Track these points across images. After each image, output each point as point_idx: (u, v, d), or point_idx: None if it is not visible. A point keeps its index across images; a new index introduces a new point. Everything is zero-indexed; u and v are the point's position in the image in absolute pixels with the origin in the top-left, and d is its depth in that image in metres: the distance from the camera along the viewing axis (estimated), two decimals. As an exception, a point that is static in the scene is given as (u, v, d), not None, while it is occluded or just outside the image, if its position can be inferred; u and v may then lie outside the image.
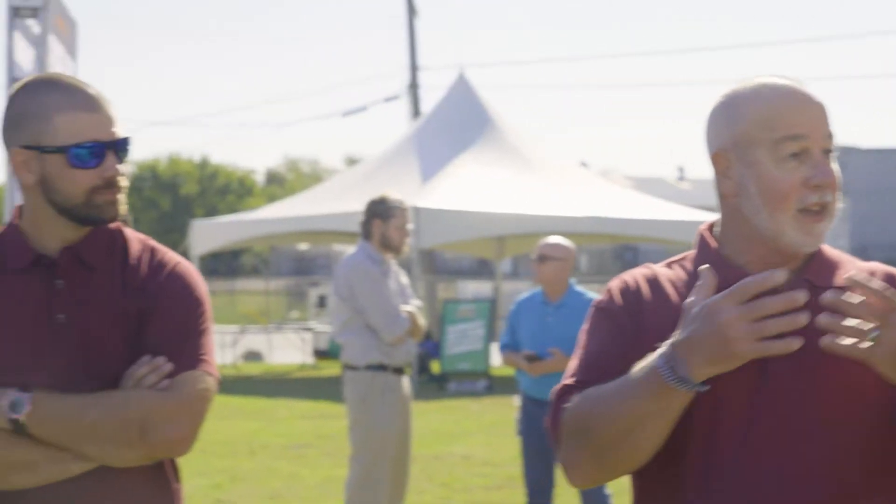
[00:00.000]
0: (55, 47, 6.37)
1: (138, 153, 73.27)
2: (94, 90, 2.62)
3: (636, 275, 2.42)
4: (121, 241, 2.70)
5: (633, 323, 2.33)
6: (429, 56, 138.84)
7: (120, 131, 2.63)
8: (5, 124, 2.66)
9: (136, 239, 2.73)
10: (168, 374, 2.58)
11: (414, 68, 28.84)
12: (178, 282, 2.68)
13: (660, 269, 2.43)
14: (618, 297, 2.38)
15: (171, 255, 2.73)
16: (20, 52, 6.13)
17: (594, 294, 6.54)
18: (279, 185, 75.41)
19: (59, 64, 6.38)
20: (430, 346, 18.92)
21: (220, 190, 70.99)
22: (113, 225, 2.69)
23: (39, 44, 6.16)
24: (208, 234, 20.34)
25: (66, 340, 2.59)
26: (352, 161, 65.59)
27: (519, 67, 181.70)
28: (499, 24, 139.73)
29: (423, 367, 18.53)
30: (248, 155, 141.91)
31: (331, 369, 20.71)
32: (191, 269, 2.72)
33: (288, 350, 23.45)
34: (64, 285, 2.62)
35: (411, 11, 28.33)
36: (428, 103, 26.78)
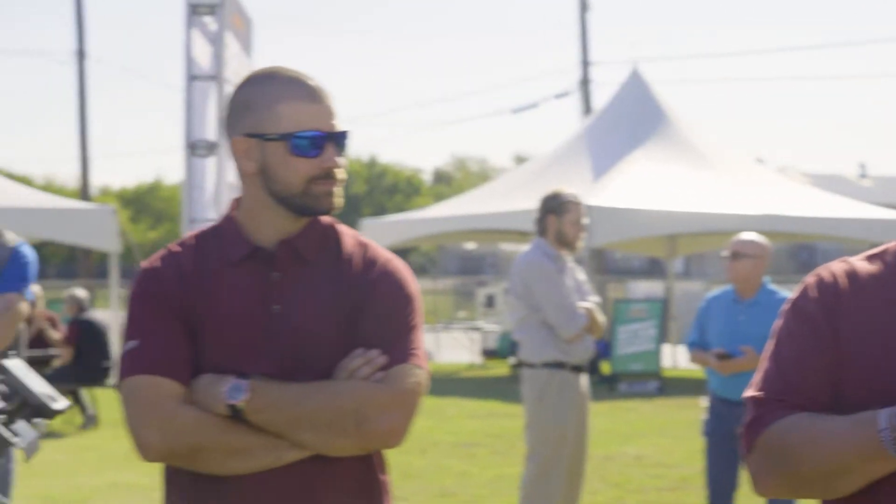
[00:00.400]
0: (231, 44, 6.43)
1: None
2: (315, 82, 2.68)
3: (834, 269, 2.29)
4: (335, 236, 2.75)
5: (830, 325, 2.21)
6: (601, 51, 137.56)
7: (339, 124, 2.68)
8: (229, 113, 2.72)
9: (349, 234, 2.78)
10: (381, 367, 2.64)
11: (585, 64, 28.66)
12: (391, 278, 2.72)
13: (858, 264, 2.29)
14: (814, 294, 2.26)
15: (383, 252, 2.78)
16: (198, 49, 6.20)
17: (787, 293, 6.33)
18: (447, 184, 75.78)
19: (234, 61, 6.44)
20: (601, 346, 18.73)
21: (388, 189, 71.73)
22: (327, 220, 2.74)
23: (216, 41, 6.22)
24: (376, 233, 20.48)
25: (281, 331, 2.65)
26: (521, 159, 65.51)
27: (693, 62, 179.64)
28: (673, 18, 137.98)
29: (593, 368, 18.37)
30: (416, 154, 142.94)
31: (499, 369, 20.71)
32: (402, 266, 2.77)
33: (456, 349, 23.51)
34: (280, 277, 2.67)
35: (583, 6, 28.16)
36: (600, 99, 26.60)
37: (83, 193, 30.78)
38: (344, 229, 2.78)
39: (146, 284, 2.70)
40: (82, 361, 14.23)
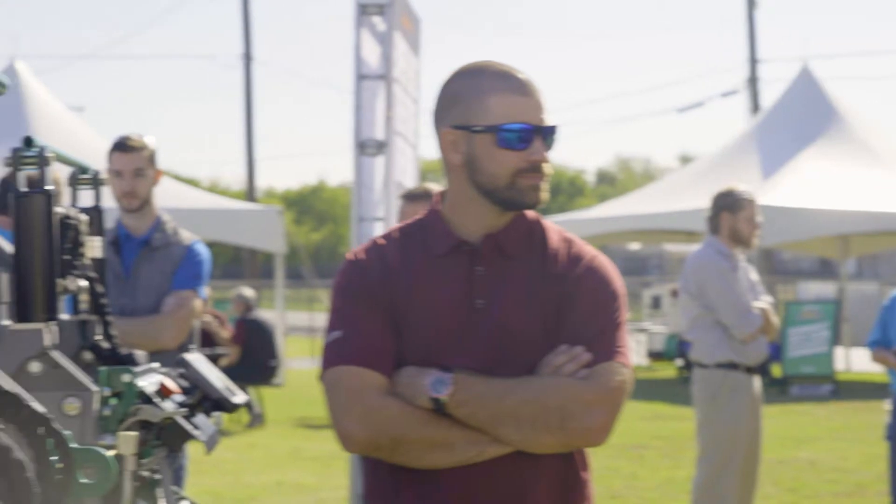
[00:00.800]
0: (399, 44, 6.44)
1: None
2: (525, 76, 2.67)
3: None
4: (539, 231, 2.74)
5: None
6: (769, 48, 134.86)
7: (548, 118, 2.66)
8: (438, 105, 2.73)
9: (553, 230, 2.76)
10: (585, 365, 2.61)
11: (753, 61, 28.16)
12: (596, 274, 2.70)
13: None
14: None
15: (588, 248, 2.76)
16: (366, 49, 6.22)
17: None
18: (610, 184, 75.32)
19: (402, 60, 6.44)
20: (772, 348, 18.31)
21: (551, 190, 71.14)
22: (532, 215, 2.73)
23: (385, 41, 6.24)
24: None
25: (485, 326, 2.64)
26: (686, 159, 64.72)
27: (867, 58, 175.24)
28: (844, 13, 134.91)
29: (763, 370, 17.98)
30: (579, 155, 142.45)
31: (666, 371, 20.46)
32: (606, 263, 2.74)
33: (622, 351, 23.27)
34: (484, 272, 2.67)
35: (750, 3, 27.67)
36: (768, 97, 26.04)
37: (249, 195, 31.32)
38: (549, 225, 2.76)
39: (351, 276, 2.72)
40: (249, 360, 14.44)
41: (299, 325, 27.40)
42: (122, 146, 5.08)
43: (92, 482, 1.92)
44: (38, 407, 1.74)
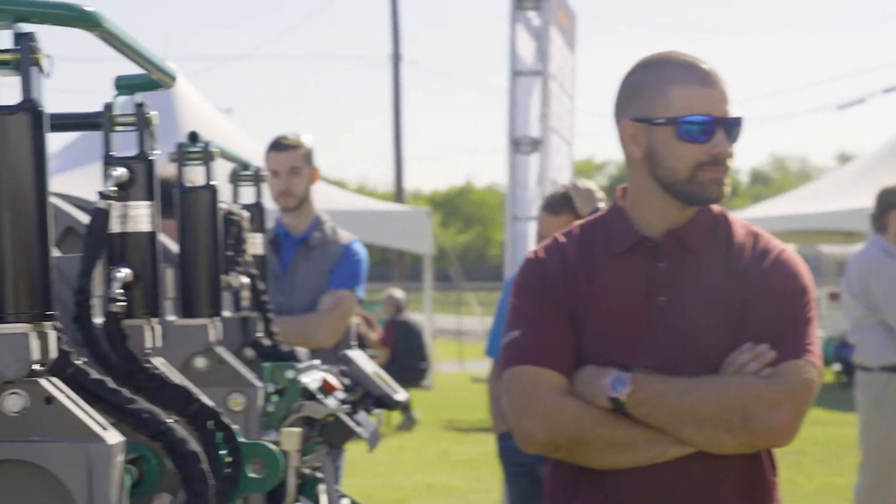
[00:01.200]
0: (556, 39, 6.39)
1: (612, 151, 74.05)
2: (708, 66, 2.63)
3: None
4: (724, 226, 2.68)
5: None
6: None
7: (733, 110, 2.62)
8: (619, 98, 2.70)
9: (739, 224, 2.71)
10: (770, 363, 2.56)
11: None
12: (783, 269, 2.64)
13: None
14: None
15: (775, 243, 2.70)
16: (521, 45, 6.19)
17: None
18: (764, 184, 74.08)
19: (558, 55, 6.39)
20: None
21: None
22: (716, 209, 2.68)
23: (541, 36, 6.20)
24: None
25: (667, 324, 2.60)
26: (845, 157, 63.25)
27: None
28: None
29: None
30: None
31: (824, 376, 20.00)
32: (795, 257, 2.69)
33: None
34: (666, 268, 2.63)
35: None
36: (930, 94, 25.33)
37: (397, 196, 31.49)
38: (734, 219, 2.71)
39: (530, 275, 2.70)
40: (398, 363, 14.50)
41: (447, 328, 27.48)
42: (278, 145, 5.11)
43: (260, 477, 1.89)
44: (206, 401, 1.72)
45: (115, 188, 1.76)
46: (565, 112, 7.01)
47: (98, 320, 1.74)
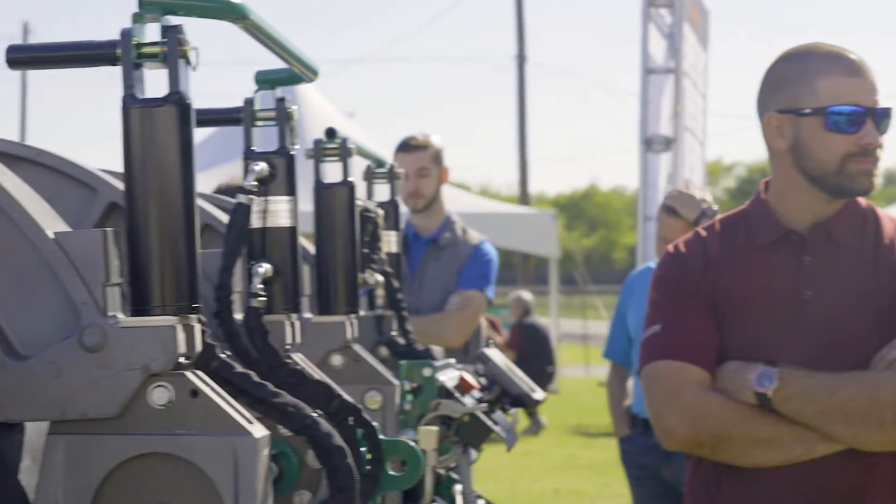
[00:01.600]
0: (689, 36, 6.30)
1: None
2: (856, 56, 2.59)
3: None
4: (873, 219, 2.64)
5: None
6: None
7: (882, 100, 2.57)
8: (763, 89, 2.67)
9: (888, 218, 2.66)
10: None
11: None
12: None
13: None
14: None
15: None
16: (653, 44, 6.13)
17: None
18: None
19: (691, 53, 6.30)
20: None
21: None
22: (864, 203, 2.64)
23: (673, 34, 6.12)
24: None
25: (813, 318, 2.55)
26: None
27: None
28: None
29: None
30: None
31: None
32: None
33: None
34: (812, 262, 2.58)
35: None
36: None
37: (522, 198, 31.47)
38: (882, 213, 2.65)
39: (671, 269, 2.68)
40: (525, 366, 14.26)
41: (572, 333, 27.34)
42: (406, 146, 5.10)
43: (400, 475, 1.87)
44: (347, 397, 1.70)
45: (256, 183, 1.75)
46: (698, 111, 6.91)
47: (238, 316, 1.73)
